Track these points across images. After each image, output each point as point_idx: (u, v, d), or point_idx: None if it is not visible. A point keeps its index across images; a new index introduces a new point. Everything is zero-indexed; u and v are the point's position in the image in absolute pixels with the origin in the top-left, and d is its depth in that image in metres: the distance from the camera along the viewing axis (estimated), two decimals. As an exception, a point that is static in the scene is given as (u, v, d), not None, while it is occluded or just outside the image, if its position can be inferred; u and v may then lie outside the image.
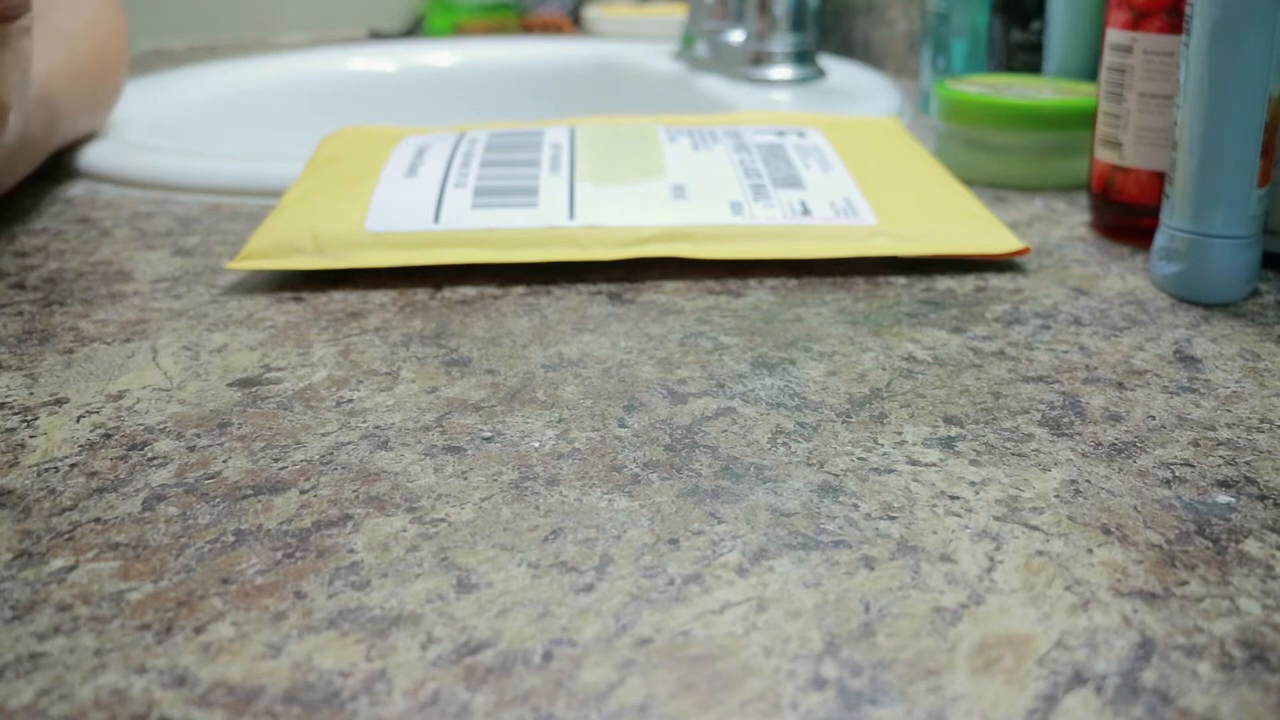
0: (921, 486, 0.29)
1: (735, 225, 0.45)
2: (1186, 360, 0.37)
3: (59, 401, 0.34)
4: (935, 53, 0.74)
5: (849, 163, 0.51)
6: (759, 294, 0.43)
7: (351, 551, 0.27)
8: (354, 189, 0.47)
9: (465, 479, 0.30)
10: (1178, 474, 0.30)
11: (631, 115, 0.58)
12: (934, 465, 0.30)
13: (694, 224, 0.45)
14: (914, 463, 0.31)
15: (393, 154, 0.51)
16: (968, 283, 0.44)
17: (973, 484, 0.30)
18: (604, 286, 0.44)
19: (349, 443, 0.32)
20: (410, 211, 0.45)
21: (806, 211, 0.46)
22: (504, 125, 0.55)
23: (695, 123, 0.56)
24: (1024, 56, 0.71)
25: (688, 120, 0.56)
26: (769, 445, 0.32)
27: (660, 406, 0.34)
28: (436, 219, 0.45)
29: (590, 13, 1.19)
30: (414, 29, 1.26)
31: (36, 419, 0.33)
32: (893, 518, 0.28)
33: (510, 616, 0.24)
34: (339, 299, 0.43)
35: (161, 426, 0.33)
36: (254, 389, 0.35)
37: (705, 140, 0.52)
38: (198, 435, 0.32)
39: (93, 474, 0.30)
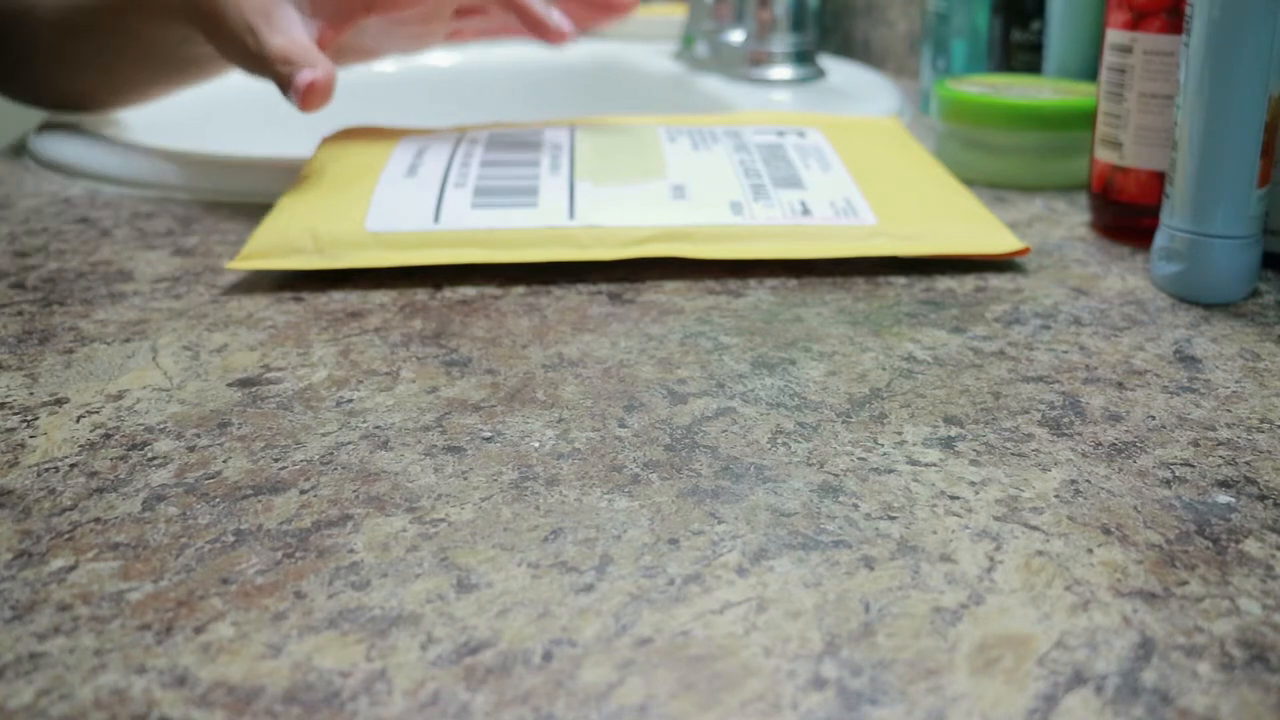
0: (921, 486, 0.29)
1: (735, 225, 0.45)
2: (1186, 360, 0.37)
3: (59, 401, 0.34)
4: (935, 53, 0.74)
5: (849, 163, 0.51)
6: (759, 294, 0.43)
7: (351, 551, 0.27)
8: (354, 189, 0.47)
9: (465, 479, 0.30)
10: (1178, 474, 0.30)
11: (631, 115, 0.58)
12: (934, 465, 0.30)
13: (694, 224, 0.45)
14: (914, 463, 0.31)
15: (393, 154, 0.51)
16: (968, 283, 0.44)
17: (973, 484, 0.30)
18: (604, 286, 0.44)
19: (349, 443, 0.32)
20: (410, 211, 0.45)
21: (806, 211, 0.46)
22: (504, 126, 0.55)
23: (695, 123, 0.56)
24: (1024, 56, 0.71)
25: (688, 120, 0.56)
26: (769, 445, 0.32)
27: (660, 406, 0.34)
28: (436, 219, 0.45)
29: (590, 13, 1.18)
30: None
31: (36, 419, 0.33)
32: (893, 518, 0.28)
33: (510, 616, 0.24)
34: (339, 299, 0.43)
35: (161, 426, 0.33)
36: (254, 389, 0.35)
37: (705, 140, 0.52)
38: (198, 435, 0.32)
39: (93, 474, 0.30)
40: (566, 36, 0.54)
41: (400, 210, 0.45)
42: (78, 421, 0.33)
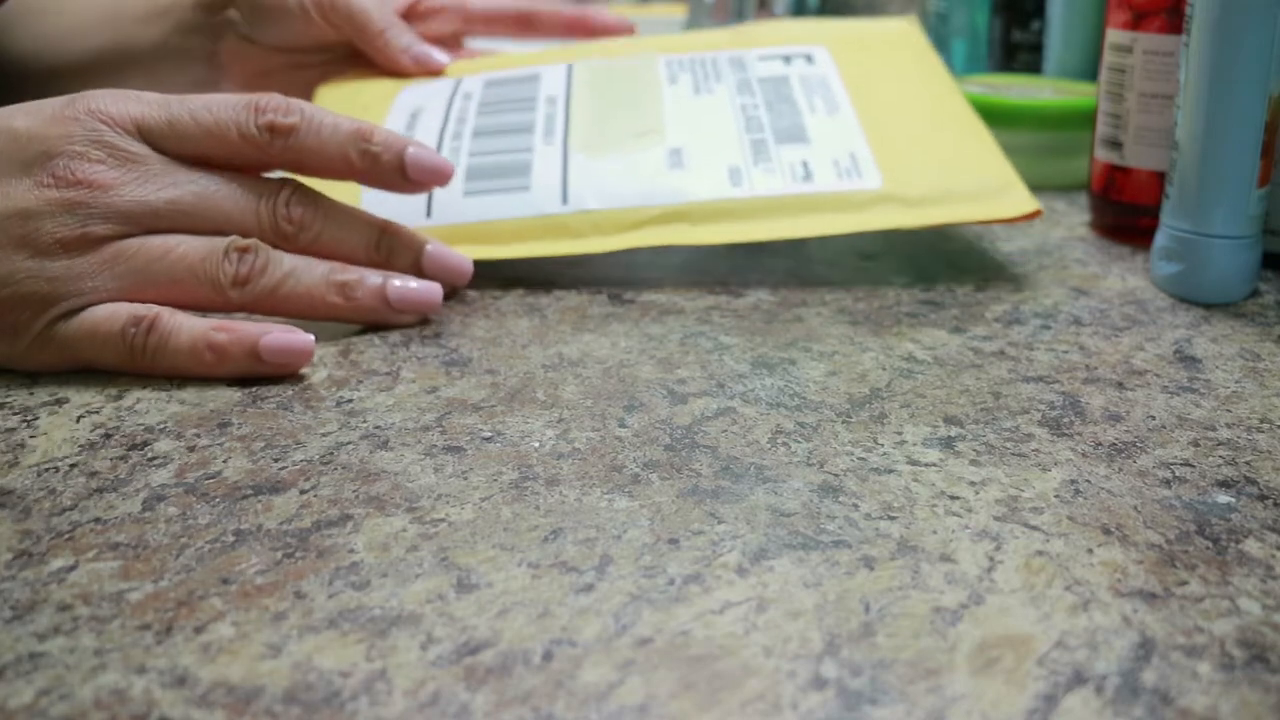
0: (921, 486, 0.29)
1: (734, 199, 0.44)
2: (1186, 360, 0.37)
3: (59, 401, 0.34)
4: (935, 53, 0.73)
5: (857, 99, 0.49)
6: (759, 294, 0.43)
7: (351, 551, 0.27)
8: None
9: (465, 479, 0.30)
10: (1178, 474, 0.30)
11: (632, 44, 0.56)
12: (934, 465, 0.30)
13: (691, 200, 0.44)
14: (914, 463, 0.31)
15: (386, 122, 0.50)
16: (968, 282, 0.44)
17: (973, 484, 0.30)
18: (604, 286, 0.44)
19: (349, 443, 0.32)
20: (401, 204, 0.45)
21: (808, 176, 0.45)
22: (499, 68, 0.54)
23: (699, 47, 0.53)
24: (1024, 56, 0.71)
25: (691, 45, 0.54)
26: (769, 445, 0.32)
27: (660, 406, 0.34)
28: (429, 213, 0.45)
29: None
30: (414, 29, 1.26)
31: (36, 419, 0.33)
32: (893, 518, 0.28)
33: (510, 616, 0.24)
34: (339, 299, 0.43)
35: (161, 426, 0.33)
36: (254, 389, 0.35)
37: (708, 78, 0.50)
38: (198, 435, 0.32)
39: (93, 474, 0.30)
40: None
41: (392, 202, 0.45)
42: (78, 421, 0.33)
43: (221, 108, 0.37)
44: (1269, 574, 0.26)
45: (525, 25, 0.59)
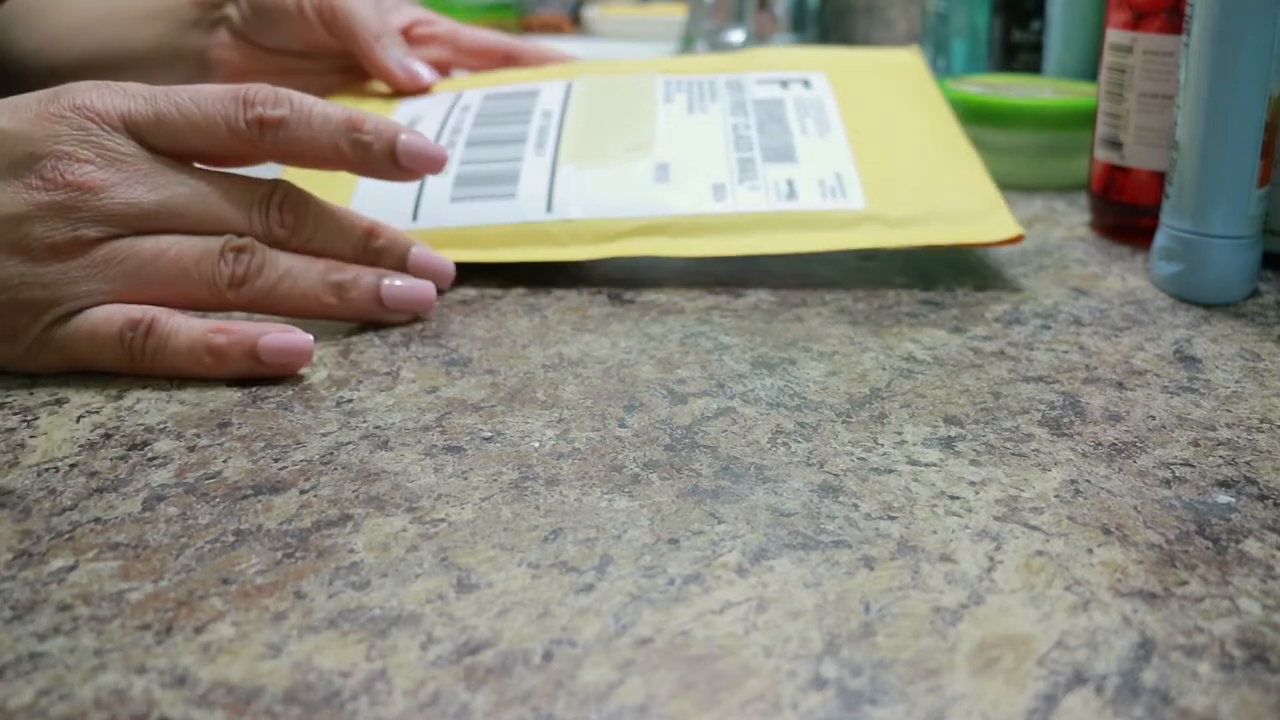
0: (921, 486, 0.29)
1: (715, 214, 0.44)
2: (1186, 360, 0.37)
3: (59, 401, 0.34)
4: (935, 53, 0.74)
5: (849, 121, 0.49)
6: (759, 294, 0.43)
7: (351, 551, 0.27)
8: (337, 180, 0.47)
9: (465, 479, 0.30)
10: (1178, 474, 0.30)
11: (634, 60, 0.56)
12: (934, 465, 0.30)
13: (672, 214, 0.44)
14: (914, 463, 0.31)
15: None
16: (968, 282, 0.44)
17: (973, 484, 0.30)
18: (604, 286, 0.44)
19: (349, 443, 0.32)
20: (390, 207, 0.45)
21: (792, 194, 0.45)
22: (501, 83, 0.54)
23: (698, 70, 0.53)
24: (1024, 56, 0.71)
25: (691, 67, 0.54)
26: (769, 445, 0.32)
27: (660, 406, 0.34)
28: (415, 216, 0.45)
29: (590, 13, 1.19)
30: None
31: (36, 419, 0.33)
32: (893, 518, 0.28)
33: (510, 616, 0.24)
34: (339, 299, 0.43)
35: (161, 426, 0.33)
36: (254, 389, 0.35)
37: (703, 99, 0.51)
38: (198, 435, 0.32)
39: (93, 474, 0.30)
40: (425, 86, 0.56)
41: (380, 205, 0.45)
42: (78, 421, 0.33)
43: (209, 101, 0.37)
44: (1269, 574, 0.26)
45: (509, 64, 0.60)
